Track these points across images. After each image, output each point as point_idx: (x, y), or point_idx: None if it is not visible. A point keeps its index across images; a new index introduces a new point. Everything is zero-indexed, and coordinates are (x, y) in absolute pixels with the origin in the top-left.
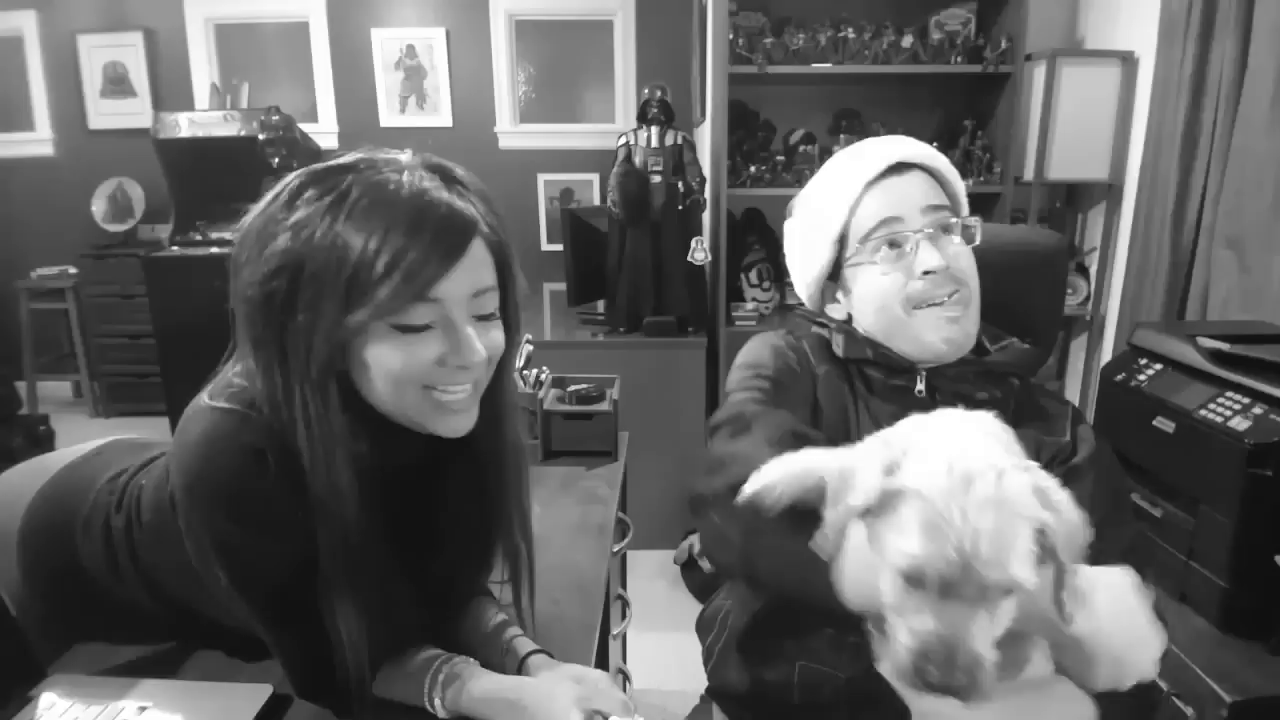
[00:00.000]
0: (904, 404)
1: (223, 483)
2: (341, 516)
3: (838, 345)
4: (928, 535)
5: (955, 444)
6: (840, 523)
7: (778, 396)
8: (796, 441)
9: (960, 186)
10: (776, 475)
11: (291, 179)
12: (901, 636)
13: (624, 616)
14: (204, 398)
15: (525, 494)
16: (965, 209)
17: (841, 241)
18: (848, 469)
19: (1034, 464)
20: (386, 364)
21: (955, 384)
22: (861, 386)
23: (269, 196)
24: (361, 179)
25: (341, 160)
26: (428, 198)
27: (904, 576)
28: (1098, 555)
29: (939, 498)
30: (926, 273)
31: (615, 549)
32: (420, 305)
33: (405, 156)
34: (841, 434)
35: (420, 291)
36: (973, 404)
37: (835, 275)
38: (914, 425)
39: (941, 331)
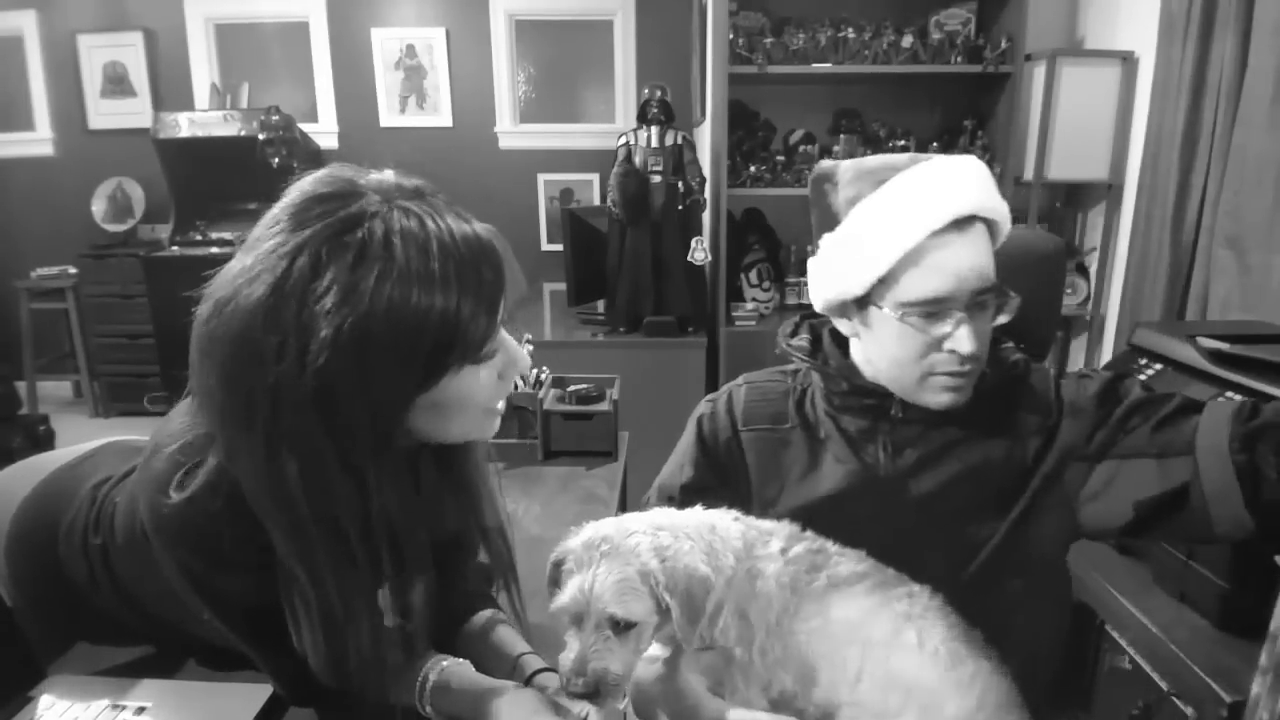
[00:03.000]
0: (875, 417)
1: (188, 522)
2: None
3: (817, 388)
4: (568, 584)
5: (609, 521)
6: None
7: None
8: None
9: (1008, 226)
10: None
11: (284, 244)
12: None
13: None
14: (165, 433)
15: (497, 486)
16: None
17: (882, 281)
18: None
19: (667, 530)
20: (465, 397)
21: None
22: (830, 405)
23: (272, 271)
24: (387, 230)
25: (340, 211)
26: (470, 228)
27: (565, 616)
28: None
29: (576, 556)
30: (953, 351)
31: None
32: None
33: (386, 178)
34: (800, 459)
35: (496, 322)
36: (937, 416)
37: (860, 301)
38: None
39: (943, 397)
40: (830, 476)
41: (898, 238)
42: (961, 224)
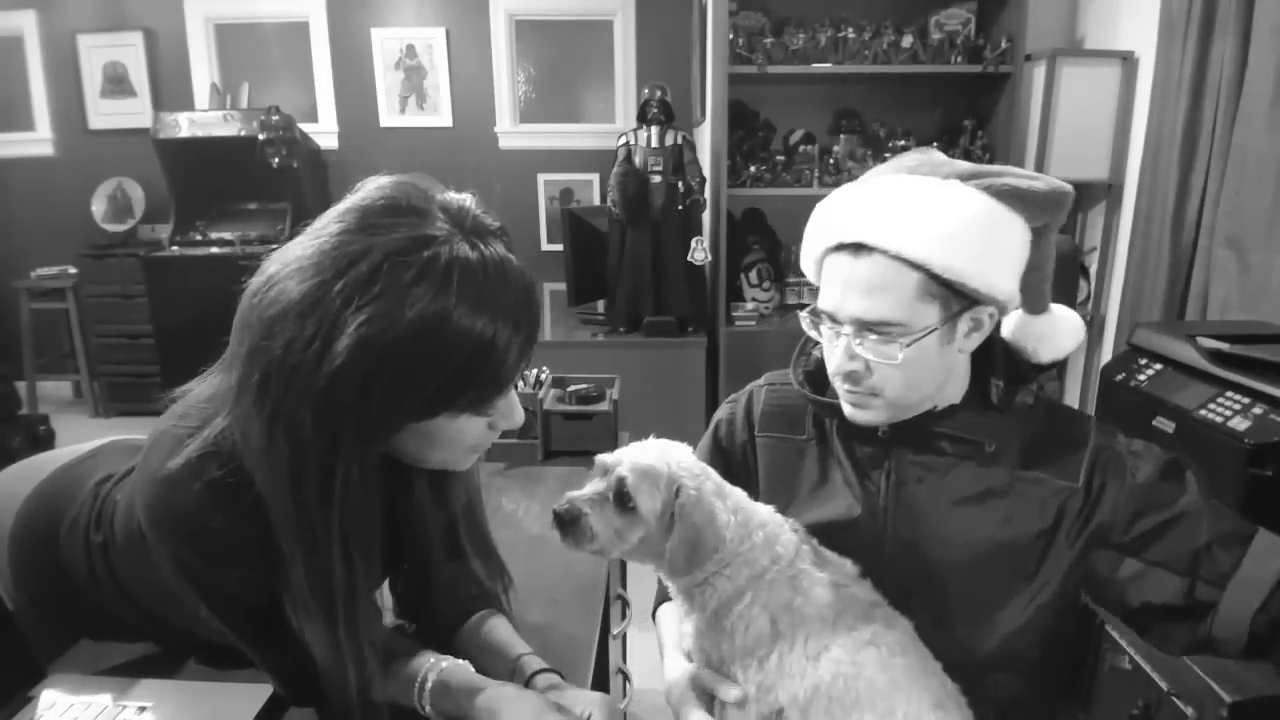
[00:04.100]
0: (875, 444)
1: (184, 517)
2: (315, 556)
3: (811, 404)
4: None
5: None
6: None
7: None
8: None
9: (960, 267)
10: None
11: (349, 243)
12: None
13: (624, 616)
14: (167, 423)
15: (478, 494)
16: (970, 286)
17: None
18: None
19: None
20: (455, 436)
21: (910, 433)
22: (841, 427)
23: (330, 267)
24: (450, 260)
25: (413, 231)
26: (525, 281)
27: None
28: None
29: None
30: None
31: None
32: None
33: (463, 204)
34: (812, 474)
35: (522, 365)
36: (935, 451)
37: None
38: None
39: (846, 409)
40: (838, 498)
41: (813, 246)
42: (855, 249)
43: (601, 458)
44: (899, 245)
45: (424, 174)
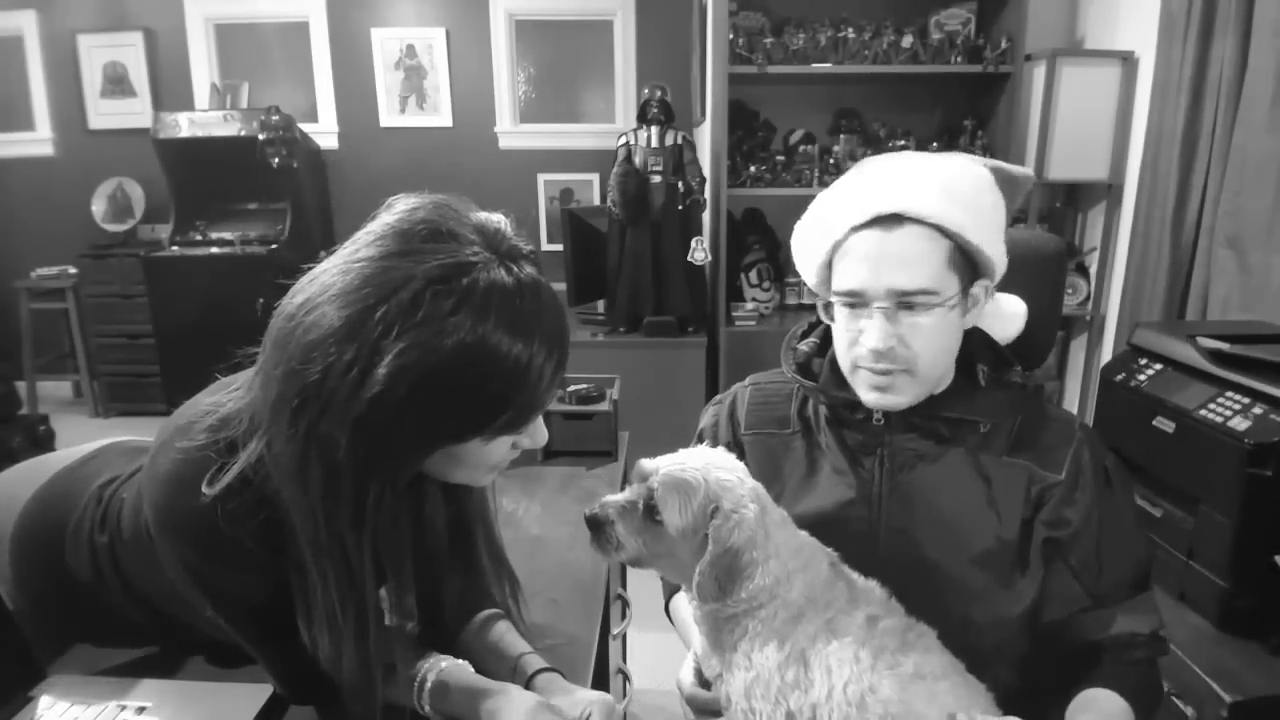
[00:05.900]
0: (867, 432)
1: (189, 520)
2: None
3: (806, 391)
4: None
5: (735, 461)
6: None
7: None
8: None
9: (977, 234)
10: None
11: (391, 269)
12: None
13: (624, 616)
14: (172, 430)
15: (491, 503)
16: (985, 253)
17: (829, 267)
18: None
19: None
20: (481, 456)
21: (908, 417)
22: (830, 416)
23: (372, 296)
24: (489, 285)
25: (452, 257)
26: (556, 303)
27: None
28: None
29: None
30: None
31: None
32: None
33: (499, 226)
34: (799, 466)
35: (555, 387)
36: (930, 436)
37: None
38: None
39: (870, 394)
40: (827, 488)
41: (829, 229)
42: (887, 221)
43: (643, 463)
44: (938, 214)
45: (460, 195)
